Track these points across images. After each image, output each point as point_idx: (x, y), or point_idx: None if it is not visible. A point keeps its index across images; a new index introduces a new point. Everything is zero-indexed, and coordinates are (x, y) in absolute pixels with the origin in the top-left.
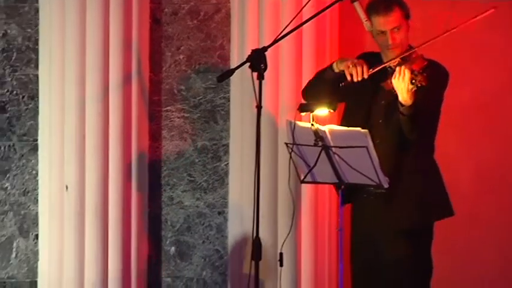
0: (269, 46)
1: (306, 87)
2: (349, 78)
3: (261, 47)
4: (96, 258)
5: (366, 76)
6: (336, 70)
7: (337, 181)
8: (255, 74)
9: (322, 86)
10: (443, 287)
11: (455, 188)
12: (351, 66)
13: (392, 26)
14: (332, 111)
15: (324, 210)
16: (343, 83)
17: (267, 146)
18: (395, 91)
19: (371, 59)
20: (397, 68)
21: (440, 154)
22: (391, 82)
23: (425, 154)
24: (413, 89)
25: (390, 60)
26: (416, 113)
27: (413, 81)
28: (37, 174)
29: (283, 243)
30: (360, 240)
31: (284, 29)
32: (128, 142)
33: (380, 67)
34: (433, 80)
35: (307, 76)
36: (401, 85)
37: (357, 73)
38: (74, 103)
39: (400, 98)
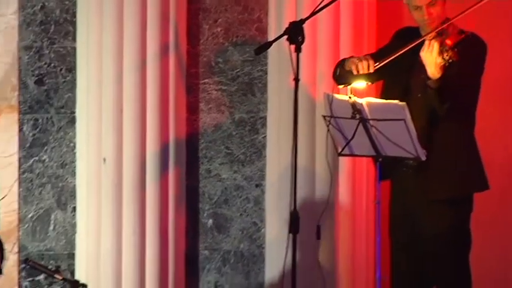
0: (307, 19)
1: (333, 76)
2: (355, 72)
3: (298, 19)
4: (134, 231)
5: (371, 71)
6: (347, 69)
7: (374, 154)
8: (293, 47)
9: (345, 77)
10: (478, 261)
11: (489, 164)
12: (357, 62)
13: (427, 1)
14: (370, 83)
15: (362, 183)
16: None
17: (304, 119)
18: None
19: (409, 34)
20: (426, 42)
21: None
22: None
23: (464, 128)
24: (442, 64)
25: (425, 35)
26: (445, 88)
27: (443, 55)
28: (75, 146)
29: (321, 216)
30: (399, 214)
31: (322, 2)
32: (165, 115)
33: (386, 61)
34: (467, 55)
35: (344, 49)
36: (429, 58)
37: (363, 67)
38: (112, 76)
39: (428, 72)
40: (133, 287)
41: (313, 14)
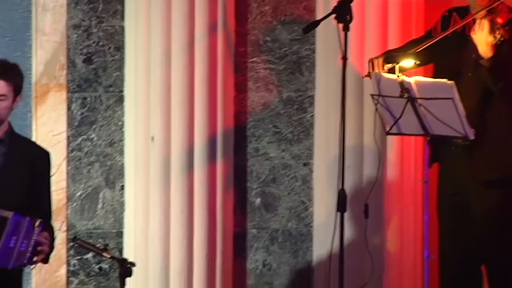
0: None
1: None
2: (370, 70)
3: None
4: (182, 209)
5: (380, 70)
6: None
7: (422, 132)
8: (341, 26)
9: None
10: None
11: None
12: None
13: None
14: (418, 63)
15: (410, 162)
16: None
17: (352, 98)
18: None
19: (459, 13)
20: (477, 20)
21: None
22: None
23: None
24: (494, 42)
25: (475, 13)
26: (497, 67)
27: (494, 33)
28: (123, 125)
29: (369, 194)
30: (447, 193)
31: None
32: (213, 93)
33: (434, 41)
34: None
35: (392, 28)
36: (480, 37)
37: (373, 66)
38: (160, 54)
39: (480, 50)
40: (181, 265)
41: None
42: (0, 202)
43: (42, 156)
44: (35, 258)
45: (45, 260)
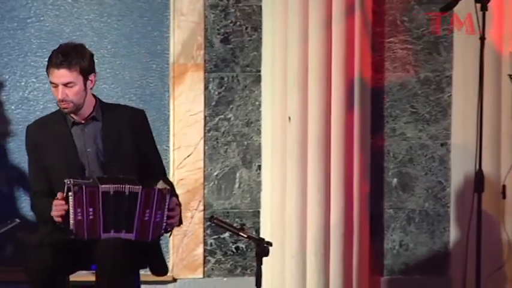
0: None
1: None
2: None
3: None
4: (319, 189)
5: None
6: None
7: None
8: (478, 5)
9: None
10: None
11: None
12: None
13: None
14: None
15: None
16: None
17: (490, 78)
18: None
19: None
20: None
21: None
22: None
23: None
24: None
25: None
26: None
27: None
28: (260, 105)
29: (507, 175)
30: None
31: None
32: (350, 73)
33: None
34: None
35: None
36: None
37: None
38: (297, 34)
39: None
40: (318, 245)
41: None
42: (117, 174)
43: (138, 117)
44: (171, 227)
45: (179, 223)
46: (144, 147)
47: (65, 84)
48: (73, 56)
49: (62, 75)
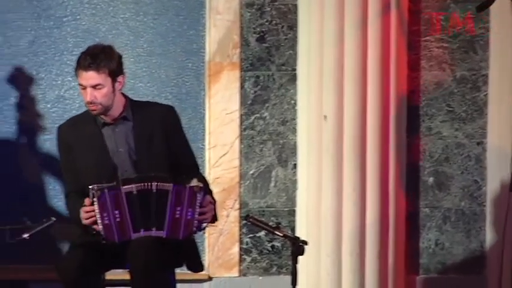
0: None
1: None
2: None
3: None
4: (354, 188)
5: None
6: None
7: None
8: None
9: None
10: None
11: None
12: None
13: None
14: None
15: None
16: None
17: None
18: None
19: None
20: None
21: None
22: None
23: None
24: None
25: None
26: None
27: None
28: (295, 103)
29: None
30: None
31: None
32: (386, 72)
33: None
34: None
35: None
36: None
37: None
38: (333, 33)
39: None
40: (354, 244)
41: None
42: (149, 172)
43: (169, 113)
44: (204, 225)
45: (213, 220)
46: (176, 143)
47: (94, 86)
48: (101, 58)
49: (91, 77)
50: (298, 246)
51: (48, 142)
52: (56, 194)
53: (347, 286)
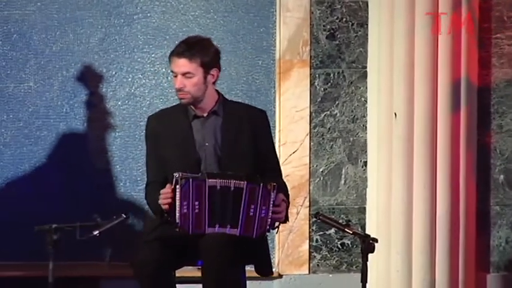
0: None
1: None
2: None
3: None
4: (424, 185)
5: None
6: None
7: None
8: None
9: None
10: None
11: None
12: None
13: None
14: None
15: None
16: None
17: None
18: None
19: None
20: None
21: None
22: None
23: None
24: None
25: None
26: None
27: None
28: (366, 101)
29: None
30: None
31: None
32: (456, 70)
33: None
34: None
35: None
36: None
37: None
38: (403, 29)
39: None
40: (424, 241)
41: None
42: (232, 171)
43: (259, 116)
44: (276, 224)
45: (285, 220)
46: (263, 147)
47: (184, 74)
48: (196, 48)
49: (182, 64)
50: (368, 244)
51: (119, 139)
52: (126, 191)
53: (417, 284)
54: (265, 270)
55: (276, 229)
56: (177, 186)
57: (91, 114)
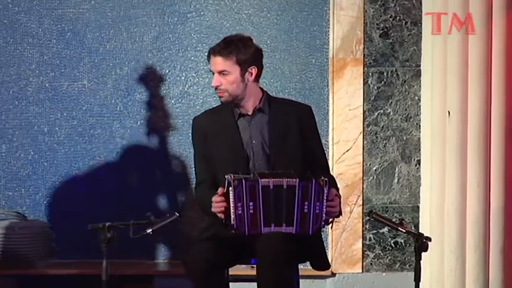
0: None
1: None
2: None
3: None
4: (478, 184)
5: None
6: None
7: None
8: None
9: None
10: None
11: None
12: None
13: None
14: None
15: None
16: None
17: None
18: None
19: None
20: None
21: None
22: None
23: None
24: None
25: None
26: None
27: None
28: (419, 99)
29: None
30: None
31: None
32: (510, 67)
33: None
34: None
35: None
36: None
37: None
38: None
39: None
40: (477, 240)
41: None
42: (281, 168)
43: (305, 112)
44: (330, 219)
45: (338, 214)
46: (309, 142)
47: (220, 72)
48: (233, 46)
49: (217, 62)
50: (421, 243)
51: (172, 137)
52: (180, 189)
53: (471, 282)
54: (323, 265)
55: (331, 224)
56: (230, 188)
57: (145, 112)
